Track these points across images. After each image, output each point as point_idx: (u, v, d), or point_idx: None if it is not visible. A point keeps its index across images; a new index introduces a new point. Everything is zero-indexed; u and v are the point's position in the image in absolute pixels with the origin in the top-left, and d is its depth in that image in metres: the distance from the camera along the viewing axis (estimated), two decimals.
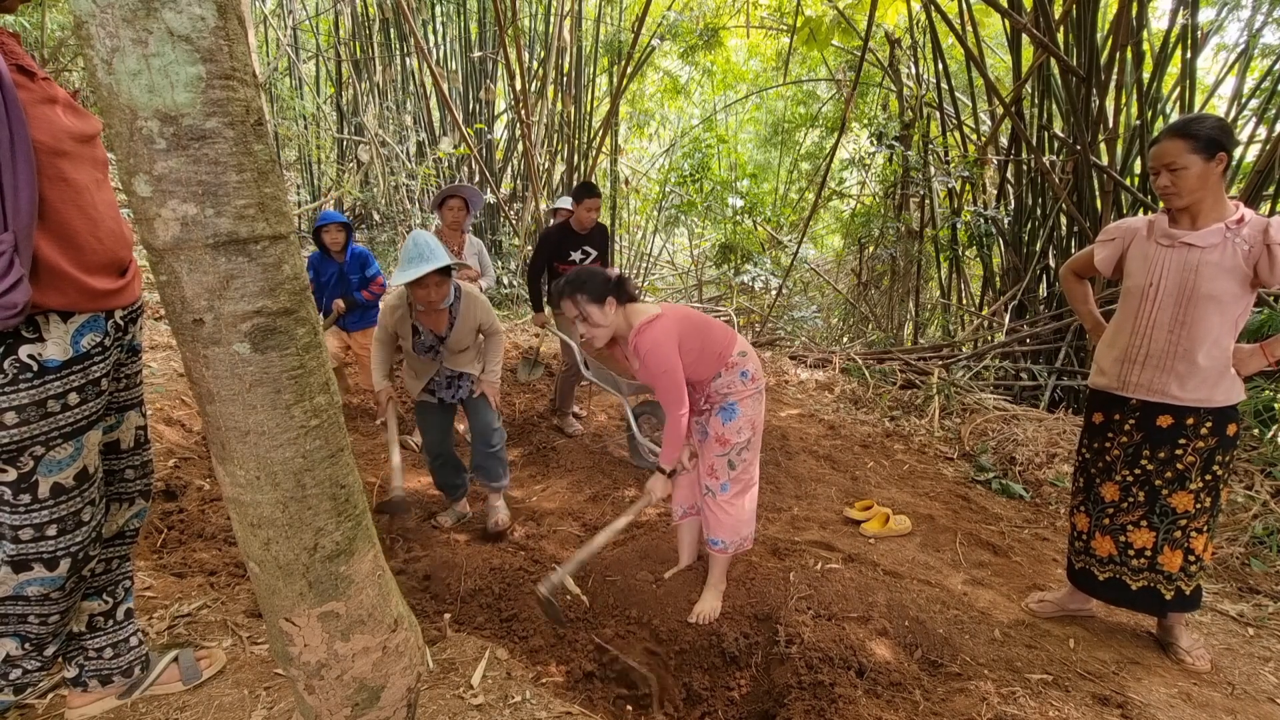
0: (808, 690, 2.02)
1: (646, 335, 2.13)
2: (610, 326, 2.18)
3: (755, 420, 2.35)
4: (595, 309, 2.14)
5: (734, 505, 2.36)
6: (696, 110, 12.05)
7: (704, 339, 2.25)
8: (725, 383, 2.31)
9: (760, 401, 2.36)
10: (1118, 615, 2.64)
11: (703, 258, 10.95)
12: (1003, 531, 3.31)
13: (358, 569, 1.11)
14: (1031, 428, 4.36)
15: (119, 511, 1.59)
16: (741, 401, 2.31)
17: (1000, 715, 1.86)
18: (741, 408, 2.31)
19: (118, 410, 1.52)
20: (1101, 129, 5.28)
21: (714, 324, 2.34)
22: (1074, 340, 5.45)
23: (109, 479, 1.54)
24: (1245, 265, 1.93)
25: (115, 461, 1.55)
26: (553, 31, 7.89)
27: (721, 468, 2.35)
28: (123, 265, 1.39)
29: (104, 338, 1.35)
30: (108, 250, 1.33)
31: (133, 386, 1.55)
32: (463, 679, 1.84)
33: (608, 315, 2.16)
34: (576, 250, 4.19)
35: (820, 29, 7.04)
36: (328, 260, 3.98)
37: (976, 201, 6.76)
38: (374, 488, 3.49)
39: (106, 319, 1.35)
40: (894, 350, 6.47)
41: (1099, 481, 2.25)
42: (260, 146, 0.91)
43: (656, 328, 2.14)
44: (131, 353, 1.52)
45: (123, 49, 0.79)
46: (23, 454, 1.27)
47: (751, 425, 2.34)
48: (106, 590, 1.61)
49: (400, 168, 7.98)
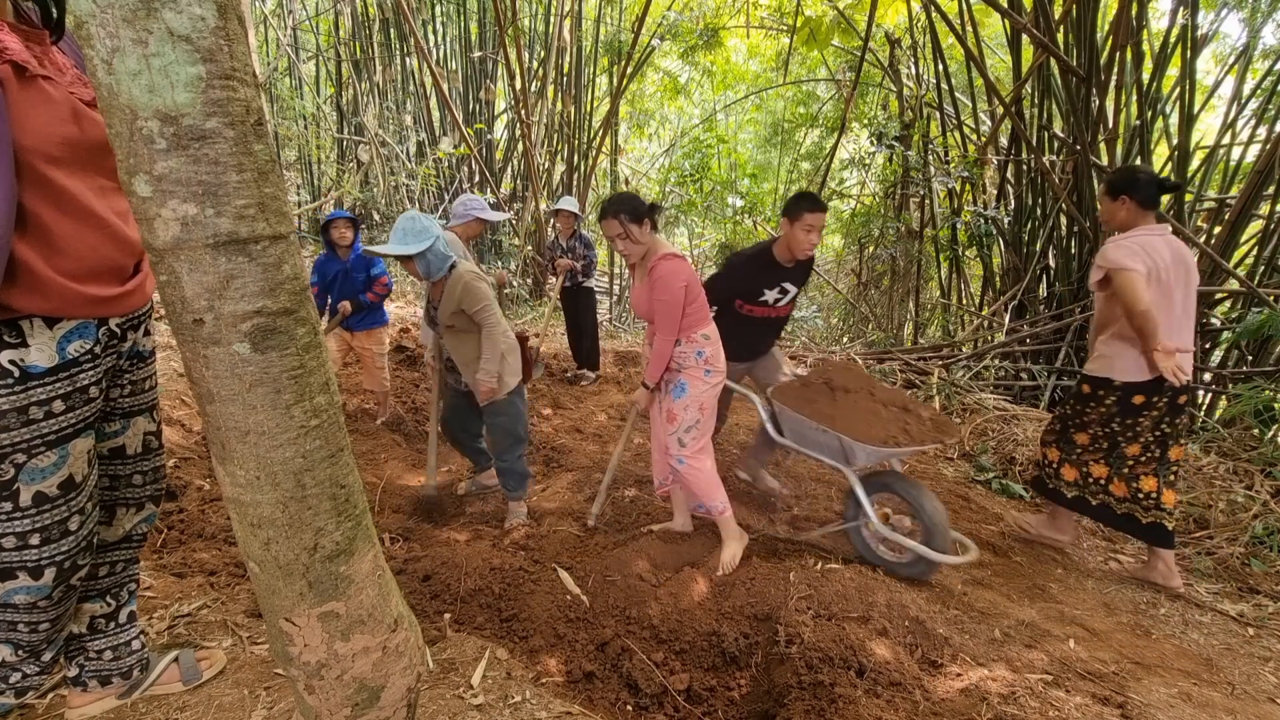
0: (808, 690, 2.02)
1: (667, 264, 2.49)
2: (645, 245, 2.53)
3: (705, 404, 2.61)
4: (635, 228, 2.48)
5: (697, 471, 2.61)
6: (696, 110, 12.05)
7: (695, 302, 2.57)
8: (680, 352, 2.60)
9: (713, 389, 2.62)
10: (1118, 615, 2.64)
11: (703, 258, 10.95)
12: (1003, 531, 3.31)
13: (358, 569, 1.11)
14: (1031, 428, 4.36)
15: (125, 516, 1.57)
16: (692, 381, 2.59)
17: (1000, 715, 1.86)
18: (691, 386, 2.58)
19: (123, 416, 1.50)
20: (1101, 129, 5.28)
21: (704, 301, 2.63)
22: (1074, 340, 5.46)
23: (115, 484, 1.53)
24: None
25: (121, 466, 1.53)
26: (553, 31, 7.89)
27: (673, 445, 2.62)
28: (124, 272, 1.37)
29: (94, 345, 1.33)
30: (104, 257, 1.30)
31: (141, 393, 1.53)
32: (463, 679, 1.84)
33: (645, 235, 2.50)
34: (774, 287, 3.01)
35: (820, 29, 7.05)
36: (333, 259, 4.00)
37: (976, 201, 6.76)
38: (375, 488, 3.49)
39: (99, 326, 1.33)
40: (894, 350, 6.47)
41: (1122, 444, 2.81)
42: (260, 146, 0.91)
43: (677, 262, 2.51)
44: (138, 359, 1.50)
45: (123, 49, 0.79)
46: (3, 461, 1.24)
47: (700, 408, 2.60)
48: (110, 593, 1.60)
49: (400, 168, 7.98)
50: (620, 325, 8.68)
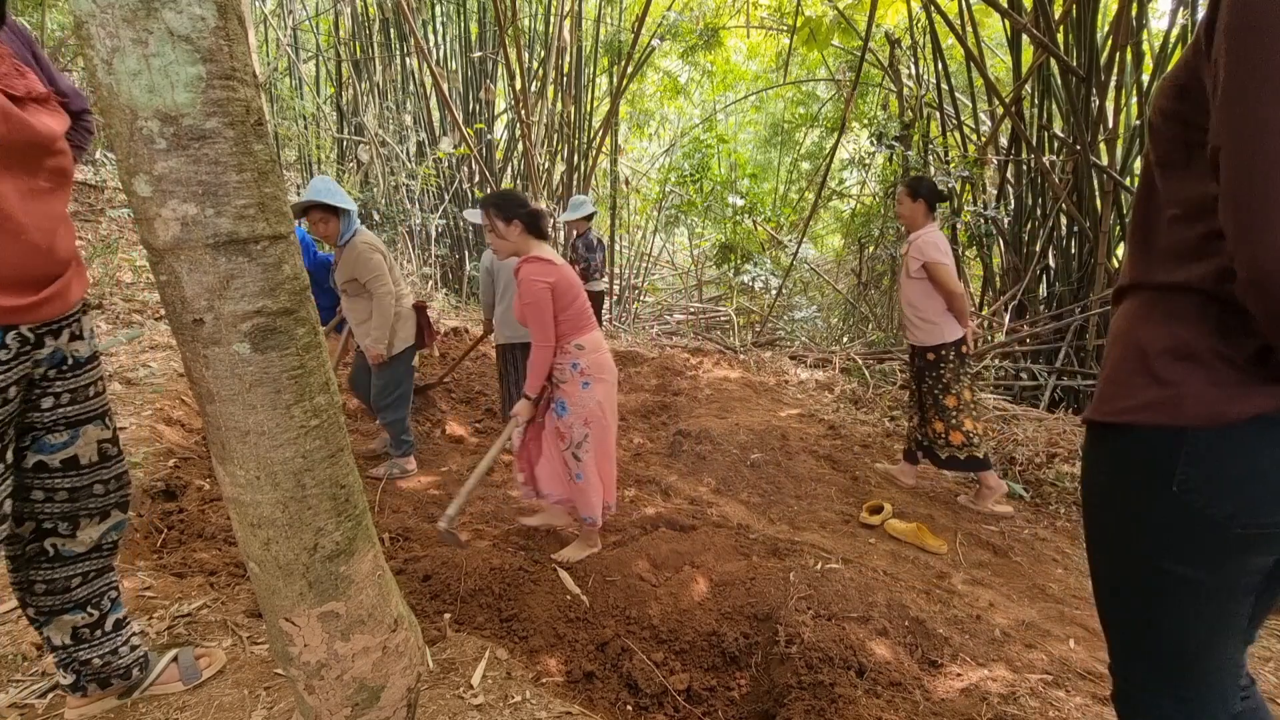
0: (808, 690, 2.02)
1: (529, 265, 2.49)
2: (512, 244, 2.53)
3: (589, 417, 2.60)
4: (501, 224, 2.49)
5: (590, 484, 2.65)
6: (696, 110, 12.05)
7: (570, 309, 2.53)
8: (555, 365, 2.58)
9: (598, 393, 2.60)
10: None
11: (703, 258, 10.95)
12: (1003, 531, 3.31)
13: (358, 569, 1.11)
14: (1031, 428, 4.36)
15: (90, 526, 1.52)
16: (569, 397, 2.58)
17: (1000, 715, 1.86)
18: (570, 403, 2.58)
19: (69, 426, 1.44)
20: (1101, 129, 5.28)
21: (587, 310, 2.61)
22: (1074, 340, 5.46)
23: (74, 495, 1.47)
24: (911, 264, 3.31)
25: (78, 478, 1.47)
26: (553, 31, 7.89)
27: (570, 460, 2.64)
28: (41, 280, 1.30)
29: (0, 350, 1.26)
30: (16, 268, 1.24)
31: (84, 400, 1.46)
32: (463, 679, 1.84)
33: (510, 234, 2.50)
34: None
35: (820, 29, 7.05)
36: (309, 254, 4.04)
37: (976, 201, 6.76)
38: (375, 488, 3.49)
39: (5, 332, 1.26)
40: (894, 350, 6.47)
41: (941, 396, 3.40)
42: (260, 146, 0.91)
43: (542, 265, 2.48)
44: (71, 366, 1.43)
45: (123, 49, 0.79)
46: None
47: (585, 422, 2.59)
48: (90, 604, 1.56)
49: (400, 168, 7.98)
50: (620, 325, 8.68)
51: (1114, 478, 0.96)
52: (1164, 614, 0.94)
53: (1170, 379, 0.87)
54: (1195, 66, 0.82)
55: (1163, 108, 0.89)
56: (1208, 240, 0.84)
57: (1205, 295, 0.85)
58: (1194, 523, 0.87)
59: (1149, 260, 0.94)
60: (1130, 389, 0.91)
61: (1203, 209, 0.84)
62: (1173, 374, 0.87)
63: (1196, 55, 0.82)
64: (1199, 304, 0.86)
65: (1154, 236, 0.93)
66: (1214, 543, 0.87)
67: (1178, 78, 0.86)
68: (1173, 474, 0.87)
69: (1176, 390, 0.86)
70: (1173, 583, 0.91)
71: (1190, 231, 0.87)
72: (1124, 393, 0.92)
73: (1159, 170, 0.92)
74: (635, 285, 10.71)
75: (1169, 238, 0.90)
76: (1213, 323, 0.85)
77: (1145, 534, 0.93)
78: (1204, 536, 0.87)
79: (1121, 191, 5.29)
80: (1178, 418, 0.86)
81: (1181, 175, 0.88)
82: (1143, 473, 0.91)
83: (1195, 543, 0.88)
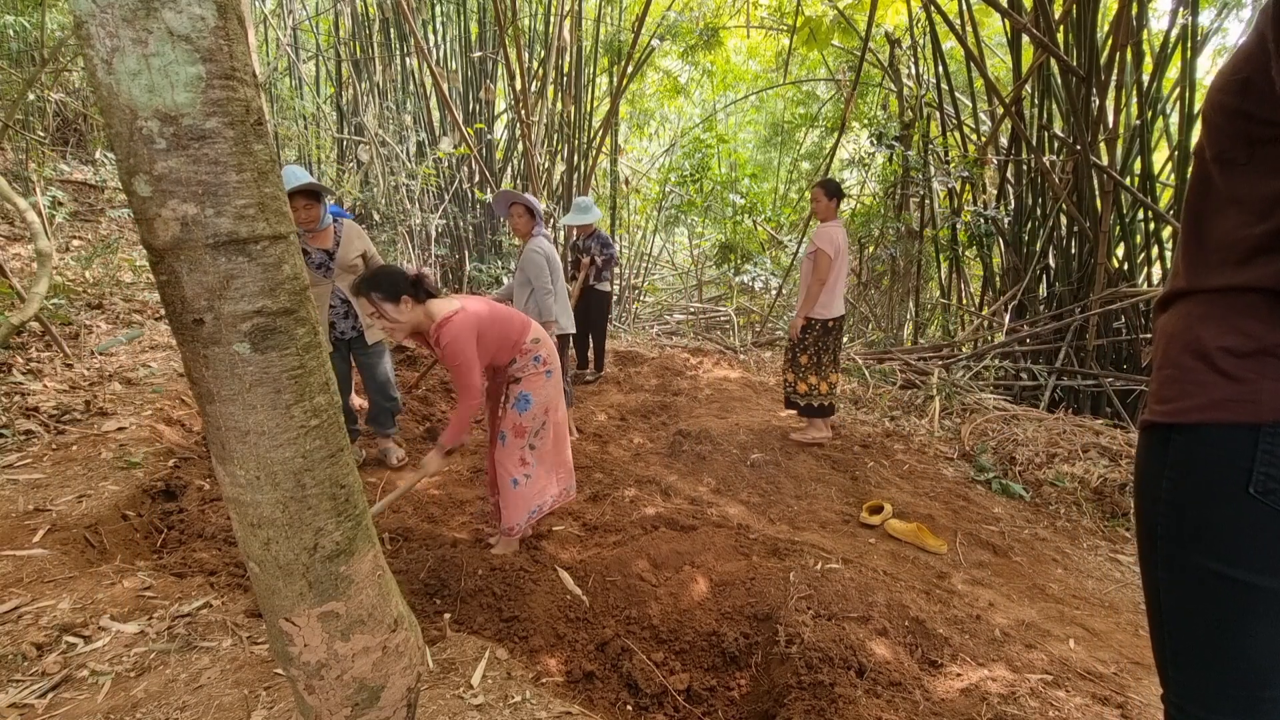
0: (808, 690, 2.02)
1: (447, 329, 2.30)
2: (409, 322, 2.32)
3: (548, 404, 2.65)
4: (390, 306, 2.27)
5: (530, 489, 2.65)
6: (696, 110, 12.05)
7: (504, 329, 2.51)
8: (520, 366, 2.59)
9: (551, 384, 2.66)
10: (1119, 615, 2.64)
11: (703, 257, 10.95)
12: (1003, 531, 3.31)
13: (358, 569, 1.10)
14: (1031, 428, 4.36)
15: None
16: (534, 389, 2.60)
17: (1000, 715, 1.86)
18: (534, 394, 2.60)
19: None
20: (1101, 129, 5.28)
21: (512, 314, 2.58)
22: (1074, 340, 5.45)
23: None
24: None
25: None
26: (553, 31, 7.89)
27: (527, 455, 2.64)
28: None
29: None
30: None
31: None
32: (463, 679, 1.84)
33: (404, 312, 2.29)
34: None
35: (820, 29, 7.05)
36: None
37: (976, 201, 6.76)
38: (375, 488, 3.49)
39: None
40: (894, 350, 6.47)
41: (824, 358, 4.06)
42: (260, 146, 0.91)
43: (456, 322, 2.32)
44: None
45: (123, 49, 0.79)
46: None
47: (545, 410, 2.64)
48: None
49: (400, 168, 7.98)
50: (620, 325, 8.68)
51: (1179, 483, 0.88)
52: (1236, 632, 0.85)
53: (1243, 375, 0.80)
54: (1260, 59, 0.77)
55: (1222, 103, 0.84)
56: (1273, 238, 0.79)
57: (1274, 294, 0.80)
58: (1272, 527, 0.80)
59: (1204, 260, 0.88)
60: (1197, 387, 0.85)
61: (1269, 205, 0.80)
62: (1245, 370, 0.80)
63: (1261, 46, 0.76)
64: (1268, 302, 0.81)
65: (1210, 235, 0.88)
66: None
67: (1238, 70, 0.81)
68: (1249, 474, 0.80)
69: (1252, 386, 0.79)
70: (1248, 595, 0.83)
71: (1254, 229, 0.82)
72: (1190, 391, 0.85)
73: (1217, 166, 0.86)
74: (635, 285, 10.71)
75: (1229, 235, 0.85)
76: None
77: (1216, 542, 0.84)
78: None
79: (1121, 191, 5.29)
80: (1256, 414, 0.79)
81: (1243, 171, 0.83)
82: (1214, 475, 0.84)
83: (1273, 549, 0.81)
